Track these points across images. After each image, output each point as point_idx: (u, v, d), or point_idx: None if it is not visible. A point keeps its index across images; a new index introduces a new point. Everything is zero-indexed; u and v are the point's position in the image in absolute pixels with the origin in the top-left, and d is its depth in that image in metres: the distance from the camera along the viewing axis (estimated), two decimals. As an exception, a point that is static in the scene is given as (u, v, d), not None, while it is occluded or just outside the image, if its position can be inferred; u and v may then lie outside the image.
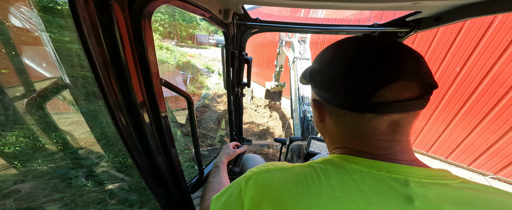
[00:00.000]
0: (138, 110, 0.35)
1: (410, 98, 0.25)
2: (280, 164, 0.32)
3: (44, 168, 0.82)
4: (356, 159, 0.27)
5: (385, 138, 0.27)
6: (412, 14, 0.65)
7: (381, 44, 0.27)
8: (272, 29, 0.81)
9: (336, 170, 0.26)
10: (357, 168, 0.26)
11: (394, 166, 0.25)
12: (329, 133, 0.34)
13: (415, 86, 0.25)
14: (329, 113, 0.32)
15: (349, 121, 0.29)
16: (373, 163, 0.26)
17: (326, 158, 0.30)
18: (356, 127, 0.28)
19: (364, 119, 0.27)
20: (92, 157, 1.05)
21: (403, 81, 0.24)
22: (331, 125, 0.32)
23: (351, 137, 0.30)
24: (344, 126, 0.30)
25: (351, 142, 0.30)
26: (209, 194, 0.55)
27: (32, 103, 0.73)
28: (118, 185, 1.09)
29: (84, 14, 0.23)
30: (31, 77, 0.75)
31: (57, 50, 0.80)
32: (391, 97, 0.25)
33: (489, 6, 0.44)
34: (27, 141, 0.78)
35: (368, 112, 0.26)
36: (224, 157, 0.72)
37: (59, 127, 0.89)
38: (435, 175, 0.25)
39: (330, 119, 0.32)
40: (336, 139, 0.33)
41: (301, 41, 2.46)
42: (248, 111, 4.42)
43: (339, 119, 0.30)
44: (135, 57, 0.31)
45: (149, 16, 0.31)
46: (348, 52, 0.28)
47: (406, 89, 0.25)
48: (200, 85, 5.97)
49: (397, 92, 0.25)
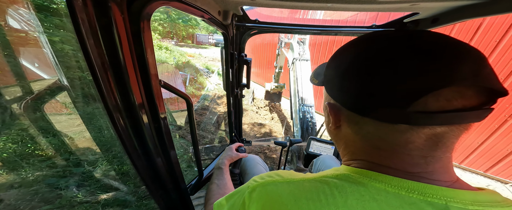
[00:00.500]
0: (137, 112, 0.35)
1: (464, 108, 0.19)
2: (288, 175, 0.28)
3: (31, 177, 0.77)
4: (380, 176, 0.22)
5: (420, 154, 0.22)
6: (409, 16, 0.65)
7: (426, 38, 0.21)
8: (271, 31, 0.81)
9: (354, 188, 0.22)
10: (381, 187, 0.21)
11: (430, 188, 0.20)
12: (345, 141, 0.29)
13: (472, 93, 0.19)
14: (348, 120, 0.26)
15: (373, 131, 0.23)
16: (403, 183, 0.21)
17: (341, 172, 0.26)
18: (381, 138, 0.23)
19: (395, 129, 0.22)
20: (84, 164, 1.01)
21: (458, 86, 0.19)
22: (349, 133, 0.27)
23: (372, 147, 0.25)
24: (365, 136, 0.25)
25: (372, 154, 0.25)
26: (214, 197, 0.53)
27: (28, 106, 0.72)
28: (112, 194, 1.05)
29: (83, 15, 0.23)
30: (26, 79, 0.74)
31: (54, 51, 0.78)
32: (437, 106, 0.19)
33: (485, 8, 0.45)
34: (16, 146, 0.76)
35: (401, 123, 0.21)
36: (226, 159, 0.71)
37: (49, 131, 0.85)
38: (484, 200, 0.20)
39: (348, 127, 0.27)
40: (353, 149, 0.28)
41: (301, 42, 2.47)
42: (249, 113, 4.41)
43: (360, 127, 0.25)
44: (134, 59, 0.31)
45: (148, 17, 0.31)
46: (379, 48, 0.22)
47: (460, 96, 0.19)
48: (199, 86, 5.96)
49: (447, 100, 0.19)
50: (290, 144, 1.10)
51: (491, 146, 2.39)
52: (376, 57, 0.22)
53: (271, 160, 2.83)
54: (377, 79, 0.21)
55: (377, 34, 0.24)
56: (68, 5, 0.22)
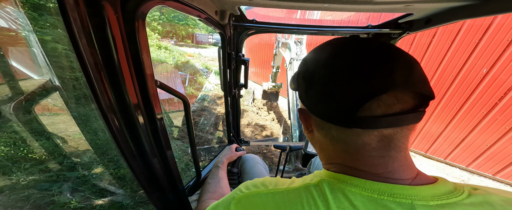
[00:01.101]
0: (132, 113, 0.35)
1: (402, 111, 0.22)
2: (272, 184, 0.29)
3: (23, 182, 0.74)
4: (354, 179, 0.24)
5: (378, 154, 0.24)
6: (404, 16, 0.66)
7: (369, 47, 0.24)
8: (269, 31, 0.81)
9: (334, 195, 0.24)
10: (356, 191, 0.23)
11: (396, 188, 0.22)
12: (319, 144, 0.31)
13: (408, 98, 0.22)
14: (315, 124, 0.29)
15: (336, 134, 0.26)
16: (373, 185, 0.23)
17: (321, 178, 0.27)
18: (345, 141, 0.26)
19: (351, 133, 0.24)
20: (78, 168, 0.99)
21: (394, 92, 0.21)
22: (320, 137, 0.29)
23: (342, 151, 0.27)
24: (332, 139, 0.27)
25: (344, 158, 0.27)
26: (206, 195, 0.54)
27: (19, 107, 0.70)
28: (108, 200, 1.03)
29: (74, 15, 0.23)
30: (16, 79, 0.72)
31: (46, 50, 0.76)
32: (380, 110, 0.22)
33: (477, 9, 0.46)
34: (8, 149, 0.73)
35: (354, 127, 0.23)
36: (225, 158, 0.72)
37: (41, 134, 0.82)
38: (441, 192, 0.22)
39: (318, 131, 0.29)
40: (327, 152, 0.30)
41: (298, 42, 2.50)
42: (250, 114, 4.41)
43: (326, 131, 0.27)
44: (129, 59, 0.31)
45: (143, 17, 0.30)
46: (332, 56, 0.25)
47: (398, 101, 0.22)
48: (199, 86, 5.92)
49: (387, 105, 0.22)
50: (289, 149, 1.10)
51: (472, 142, 2.45)
52: (329, 65, 0.25)
53: (270, 160, 2.84)
54: (331, 87, 0.23)
55: (333, 41, 0.27)
56: (59, 4, 0.22)
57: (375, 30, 0.77)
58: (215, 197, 0.53)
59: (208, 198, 0.52)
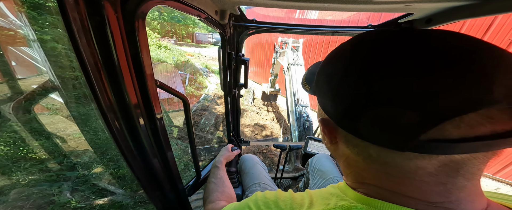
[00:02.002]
0: (132, 112, 0.35)
1: (493, 135, 0.15)
2: (289, 206, 0.24)
3: (23, 182, 0.74)
4: (399, 208, 0.19)
5: (436, 180, 0.18)
6: (404, 16, 0.66)
7: (440, 42, 0.16)
8: (269, 30, 0.81)
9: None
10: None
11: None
12: (345, 159, 0.25)
13: (507, 116, 0.15)
14: (345, 140, 0.22)
15: (376, 155, 0.20)
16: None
17: (350, 203, 0.21)
18: (387, 163, 0.19)
19: (402, 156, 0.18)
20: (78, 168, 0.99)
21: (488, 109, 0.14)
22: (348, 152, 0.23)
23: (379, 172, 0.21)
24: (367, 158, 0.21)
25: (382, 179, 0.21)
26: (214, 195, 0.53)
27: (19, 107, 0.70)
28: (108, 199, 1.03)
29: (74, 14, 0.23)
30: (16, 80, 0.72)
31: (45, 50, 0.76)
32: (458, 133, 0.15)
33: (477, 9, 0.46)
34: (8, 149, 0.73)
35: (411, 151, 0.17)
36: (222, 157, 0.72)
37: (41, 134, 0.82)
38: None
39: (347, 147, 0.23)
40: (357, 169, 0.23)
41: (294, 49, 2.72)
42: (250, 113, 4.42)
43: (360, 150, 0.21)
44: (129, 58, 0.31)
45: (142, 16, 0.30)
46: (379, 57, 0.17)
47: (489, 121, 0.15)
48: (199, 86, 5.92)
49: (472, 126, 0.15)
50: (289, 149, 1.10)
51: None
52: (375, 69, 0.17)
53: (270, 160, 2.84)
54: (378, 98, 0.16)
55: (377, 33, 0.19)
56: (59, 3, 0.22)
57: (375, 30, 0.77)
58: (224, 198, 0.52)
59: (218, 199, 0.51)
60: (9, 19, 0.71)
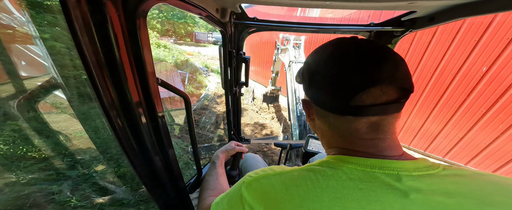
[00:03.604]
0: (134, 110, 0.35)
1: (386, 102, 0.27)
2: (278, 168, 0.32)
3: (23, 181, 0.73)
4: (350, 158, 0.28)
5: (369, 137, 0.29)
6: (407, 14, 0.65)
7: (364, 48, 0.28)
8: (270, 28, 0.81)
9: (333, 171, 0.27)
10: (352, 167, 0.27)
11: (385, 162, 0.26)
12: (320, 131, 0.36)
13: (392, 91, 0.27)
14: (316, 113, 0.34)
15: (333, 121, 0.31)
16: (366, 161, 0.27)
17: (323, 160, 0.31)
18: (340, 127, 0.30)
19: (345, 120, 0.29)
20: (79, 166, 0.98)
21: (381, 86, 0.26)
22: (320, 124, 0.34)
23: (339, 136, 0.31)
24: (330, 126, 0.32)
25: (341, 142, 0.31)
26: (206, 192, 0.54)
27: (20, 105, 0.70)
28: (109, 198, 1.03)
29: (76, 13, 0.23)
30: (19, 77, 0.72)
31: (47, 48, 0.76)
32: (369, 101, 0.26)
33: (480, 7, 0.45)
34: (8, 148, 0.73)
35: (347, 114, 0.28)
36: (220, 152, 0.71)
37: (42, 132, 0.81)
38: (421, 166, 0.26)
39: (318, 119, 0.34)
40: (328, 138, 0.34)
41: (296, 47, 2.64)
42: (250, 113, 4.42)
43: (325, 119, 0.32)
44: (130, 57, 0.31)
45: (144, 14, 0.30)
46: (332, 55, 0.29)
47: (383, 93, 0.26)
48: (199, 85, 5.92)
49: (374, 96, 0.26)
50: (290, 147, 1.10)
51: (470, 140, 2.46)
52: (329, 62, 0.29)
53: (270, 158, 2.85)
54: (329, 79, 0.28)
55: (334, 42, 0.31)
56: (61, 2, 0.22)
57: (378, 28, 0.77)
58: (215, 194, 0.54)
59: (208, 196, 0.53)
60: (11, 16, 0.71)
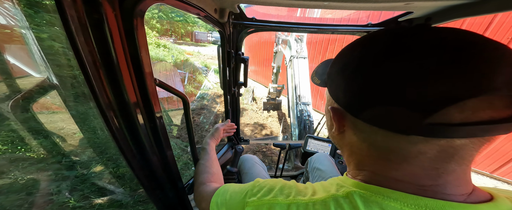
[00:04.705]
0: (131, 111, 0.34)
1: (492, 120, 0.16)
2: (293, 193, 0.25)
3: (21, 181, 0.73)
4: (393, 193, 0.20)
5: (431, 165, 0.19)
6: (404, 15, 0.66)
7: (448, 35, 0.17)
8: (268, 29, 0.81)
9: (369, 209, 0.20)
10: (396, 206, 0.19)
11: (447, 206, 0.18)
12: (350, 147, 0.26)
13: (504, 103, 0.16)
14: (353, 127, 0.24)
15: (382, 140, 0.21)
16: (418, 200, 0.19)
17: (349, 189, 0.23)
18: (390, 149, 0.21)
19: (406, 140, 0.19)
20: (77, 167, 0.98)
21: (489, 96, 0.16)
22: (355, 140, 0.24)
23: (379, 158, 0.22)
24: (372, 145, 0.22)
25: (379, 165, 0.23)
26: (203, 176, 0.52)
27: (16, 105, 0.69)
28: (107, 199, 1.02)
29: (72, 12, 0.23)
30: (13, 77, 0.71)
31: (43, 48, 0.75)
32: (460, 117, 0.16)
33: (476, 8, 0.46)
34: (6, 148, 0.73)
35: (416, 134, 0.18)
36: (209, 139, 0.68)
37: (39, 133, 0.81)
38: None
39: (354, 134, 0.24)
40: (359, 157, 0.25)
41: (298, 39, 2.43)
42: (249, 113, 4.41)
43: (367, 135, 0.22)
44: (127, 57, 0.31)
45: (141, 14, 0.30)
46: (392, 47, 0.18)
47: (489, 107, 0.16)
48: (198, 85, 5.90)
49: (473, 111, 0.16)
50: (289, 148, 1.10)
51: (499, 147, 2.37)
52: (388, 58, 0.18)
53: (269, 159, 2.85)
54: (389, 86, 0.18)
55: (391, 30, 0.20)
56: (56, 1, 0.21)
57: (375, 28, 0.77)
58: (214, 179, 0.52)
59: (207, 181, 0.51)
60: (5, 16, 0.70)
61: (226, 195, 0.34)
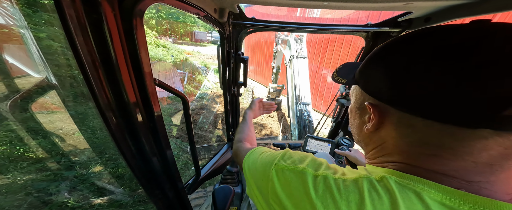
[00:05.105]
0: (131, 111, 0.34)
1: None
2: (324, 167, 0.24)
3: (20, 181, 0.73)
4: (435, 185, 0.19)
5: (489, 161, 0.18)
6: (403, 15, 0.66)
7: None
8: (268, 29, 0.81)
9: (404, 194, 0.19)
10: (436, 197, 0.18)
11: (496, 205, 0.17)
12: (380, 143, 0.25)
13: None
14: (397, 122, 0.22)
15: (437, 134, 0.19)
16: (467, 197, 0.17)
17: (383, 174, 0.21)
18: (443, 144, 0.19)
19: (472, 136, 0.17)
20: (76, 167, 0.98)
21: None
22: (392, 135, 0.23)
23: (422, 154, 0.21)
24: (419, 140, 0.20)
25: (420, 159, 0.21)
26: (240, 135, 0.58)
27: (15, 105, 0.69)
28: (106, 199, 1.02)
29: (71, 12, 0.22)
30: (12, 77, 0.71)
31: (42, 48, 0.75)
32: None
33: (475, 8, 0.46)
34: (5, 148, 0.72)
35: (487, 128, 0.16)
36: (248, 110, 0.74)
37: (38, 133, 0.81)
38: None
39: (395, 129, 0.22)
40: (391, 152, 0.24)
41: (298, 39, 2.44)
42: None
43: (414, 130, 0.20)
44: (127, 57, 0.31)
45: (140, 14, 0.30)
46: (459, 43, 0.17)
47: None
48: (198, 85, 5.89)
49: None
50: (288, 147, 1.10)
51: None
52: (471, 54, 0.16)
53: (269, 158, 2.84)
54: (470, 77, 0.16)
55: (450, 26, 0.19)
56: (55, 1, 0.21)
57: (375, 28, 0.77)
58: (249, 139, 0.57)
59: (244, 140, 0.55)
60: (4, 16, 0.69)
61: (257, 155, 0.34)
